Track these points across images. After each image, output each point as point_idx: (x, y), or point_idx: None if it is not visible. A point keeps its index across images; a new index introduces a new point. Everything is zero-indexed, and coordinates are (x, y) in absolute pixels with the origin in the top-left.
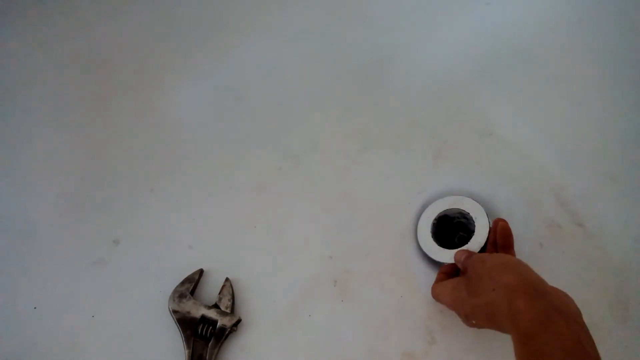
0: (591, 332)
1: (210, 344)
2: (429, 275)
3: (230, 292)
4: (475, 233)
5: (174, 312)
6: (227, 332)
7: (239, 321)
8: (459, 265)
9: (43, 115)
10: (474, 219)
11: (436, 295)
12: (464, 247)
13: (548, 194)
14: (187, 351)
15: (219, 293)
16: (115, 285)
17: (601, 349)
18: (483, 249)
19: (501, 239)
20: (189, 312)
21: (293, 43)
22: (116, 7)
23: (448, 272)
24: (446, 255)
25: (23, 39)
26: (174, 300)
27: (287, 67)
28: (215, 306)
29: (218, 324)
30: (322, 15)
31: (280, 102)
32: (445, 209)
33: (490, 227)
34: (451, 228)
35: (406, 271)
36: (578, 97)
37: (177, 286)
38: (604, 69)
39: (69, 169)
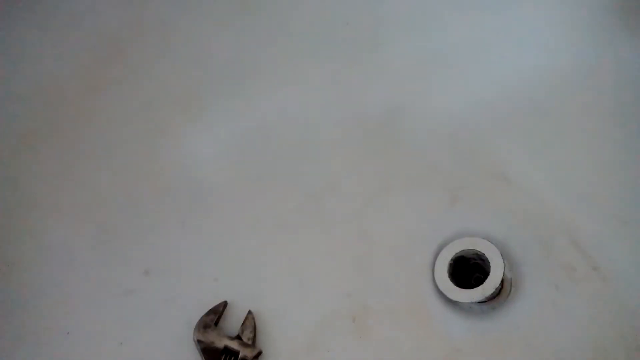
0: None
1: None
2: (446, 314)
3: (252, 324)
4: (490, 274)
5: (199, 342)
6: None
7: (260, 353)
8: None
9: (88, 151)
10: (489, 260)
11: None
12: (480, 287)
13: (562, 237)
14: None
15: (242, 325)
16: (144, 315)
17: None
18: (499, 290)
19: None
20: (212, 342)
21: (315, 91)
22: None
23: None
24: (463, 295)
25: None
26: (199, 330)
27: (310, 113)
28: (238, 337)
29: (240, 355)
30: (343, 66)
31: (302, 146)
32: (461, 249)
33: (505, 269)
34: (468, 269)
35: (423, 309)
36: (590, 143)
37: (203, 316)
38: (615, 116)
39: (108, 202)
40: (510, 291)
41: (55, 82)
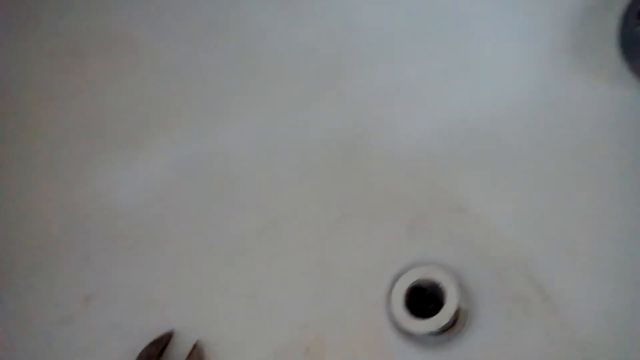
0: None
1: None
2: (401, 346)
3: (199, 356)
4: (445, 304)
5: None
6: None
7: None
8: None
9: (33, 164)
10: (445, 290)
11: None
12: (435, 318)
13: (516, 268)
14: None
15: (187, 357)
16: (82, 344)
17: None
18: (454, 321)
19: None
20: None
21: (277, 117)
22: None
23: None
24: (418, 325)
25: None
26: None
27: (270, 138)
28: None
29: None
30: (306, 92)
31: (261, 172)
32: (417, 279)
33: (460, 298)
34: (424, 299)
35: (378, 341)
36: (543, 177)
37: (145, 348)
38: (568, 152)
39: (48, 223)
40: (465, 322)
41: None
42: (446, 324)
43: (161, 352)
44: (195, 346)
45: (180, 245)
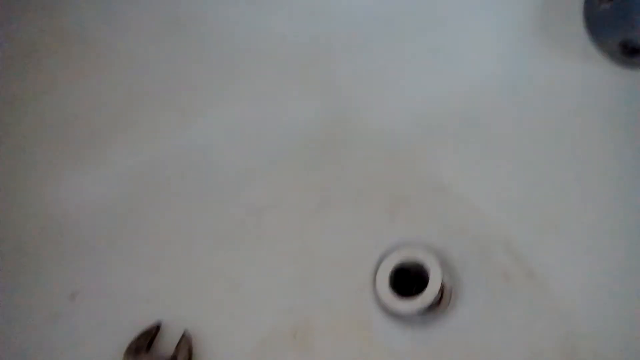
0: None
1: None
2: (388, 326)
3: (188, 345)
4: (429, 283)
5: None
6: None
7: None
8: None
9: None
10: (428, 269)
11: None
12: (419, 297)
13: (498, 245)
14: None
15: (176, 347)
16: (70, 340)
17: None
18: (439, 299)
19: None
20: None
21: (256, 104)
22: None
23: None
24: (404, 305)
25: None
26: (128, 355)
27: (248, 128)
28: None
29: None
30: (283, 80)
31: (241, 160)
32: (401, 260)
33: (443, 277)
34: (409, 280)
35: (365, 322)
36: (520, 154)
37: (133, 340)
38: (542, 128)
39: (27, 223)
40: (450, 300)
41: None
42: (431, 303)
43: (150, 343)
44: (183, 336)
45: (163, 239)
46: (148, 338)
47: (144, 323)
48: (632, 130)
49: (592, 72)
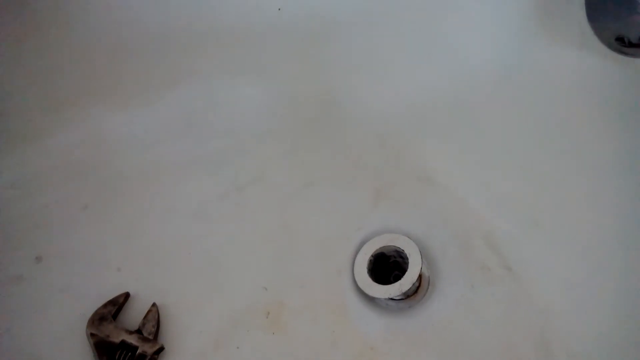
0: None
1: None
2: (363, 311)
3: (156, 318)
4: (408, 270)
5: (92, 335)
6: None
7: (161, 349)
8: None
9: None
10: (408, 257)
11: None
12: (397, 283)
13: (479, 237)
14: None
15: (144, 318)
16: (33, 303)
17: None
18: (416, 288)
19: None
20: (108, 336)
21: (245, 78)
22: None
23: None
24: (380, 291)
25: None
26: (92, 323)
27: (239, 100)
28: (138, 332)
29: (138, 350)
30: (276, 54)
31: (229, 133)
32: (381, 246)
33: (422, 266)
34: (388, 267)
35: (340, 305)
36: (507, 146)
37: (99, 308)
38: (532, 119)
39: None
40: (427, 289)
41: None
42: (408, 291)
43: (116, 313)
44: (151, 308)
45: (139, 206)
46: (115, 308)
47: (112, 292)
48: (629, 123)
49: (590, 60)
